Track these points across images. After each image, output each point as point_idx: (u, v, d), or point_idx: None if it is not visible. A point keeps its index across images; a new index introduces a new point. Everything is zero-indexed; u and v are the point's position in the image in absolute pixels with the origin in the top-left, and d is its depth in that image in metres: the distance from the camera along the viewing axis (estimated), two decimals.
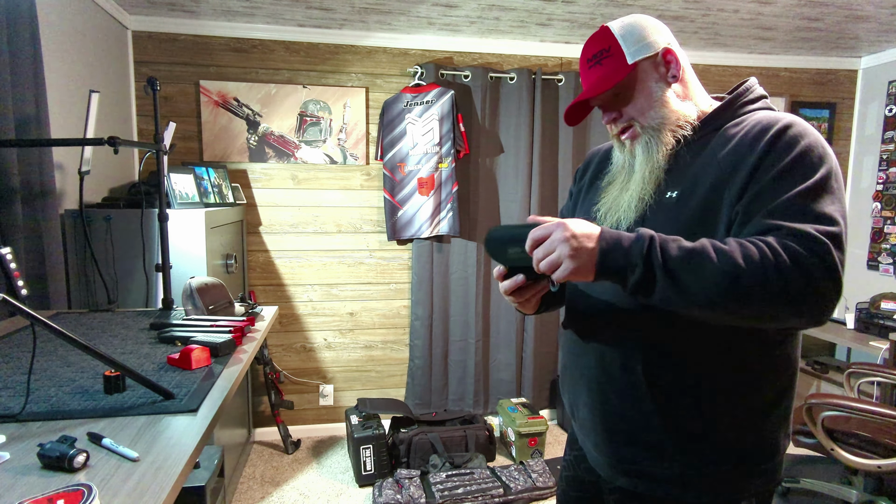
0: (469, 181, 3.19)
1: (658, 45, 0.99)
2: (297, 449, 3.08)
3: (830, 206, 0.82)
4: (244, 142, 2.99)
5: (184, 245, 2.15)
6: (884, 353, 2.93)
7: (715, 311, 0.81)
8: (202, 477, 1.70)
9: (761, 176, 0.85)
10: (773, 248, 0.78)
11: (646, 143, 0.98)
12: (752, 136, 0.89)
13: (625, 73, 0.96)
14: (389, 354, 3.30)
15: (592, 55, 1.00)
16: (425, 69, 3.04)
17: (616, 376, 0.97)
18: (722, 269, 0.78)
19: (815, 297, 0.78)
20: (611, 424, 1.00)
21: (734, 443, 0.93)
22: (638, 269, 0.81)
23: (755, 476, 0.95)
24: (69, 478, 0.77)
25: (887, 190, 3.39)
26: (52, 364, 1.22)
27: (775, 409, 0.95)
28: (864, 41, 3.16)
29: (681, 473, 0.95)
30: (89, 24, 2.42)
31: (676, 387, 0.92)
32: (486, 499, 2.43)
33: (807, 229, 0.79)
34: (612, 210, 1.01)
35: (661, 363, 0.93)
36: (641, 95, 0.98)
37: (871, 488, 2.34)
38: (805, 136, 0.87)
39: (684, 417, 0.93)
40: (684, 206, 0.91)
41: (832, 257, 0.78)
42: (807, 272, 0.77)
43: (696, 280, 0.79)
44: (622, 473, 1.01)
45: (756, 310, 0.79)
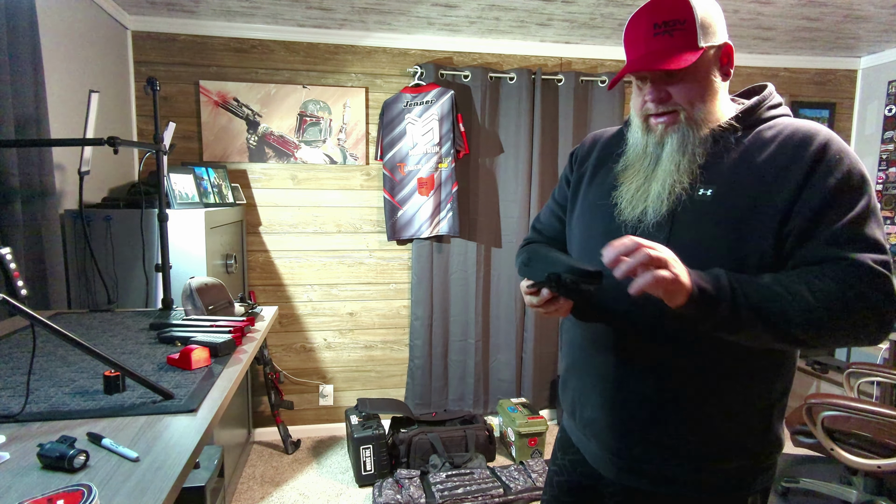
0: (469, 181, 3.19)
1: (724, 35, 0.95)
2: (297, 449, 3.08)
3: (879, 232, 0.86)
4: (244, 142, 2.99)
5: (184, 245, 2.15)
6: (884, 353, 2.93)
7: (793, 342, 0.85)
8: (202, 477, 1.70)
9: (810, 196, 0.86)
10: (841, 283, 0.82)
11: (683, 134, 0.94)
12: (795, 144, 0.90)
13: (697, 55, 0.90)
14: (389, 354, 3.30)
15: (663, 21, 0.91)
16: (425, 69, 3.04)
17: (638, 377, 0.96)
18: (798, 306, 0.82)
19: (880, 326, 0.83)
20: (625, 424, 0.99)
21: (745, 440, 0.95)
22: (727, 305, 0.82)
23: (761, 472, 0.98)
24: (69, 478, 0.77)
25: (887, 190, 3.39)
26: (52, 364, 1.22)
27: (779, 404, 0.98)
28: (863, 41, 3.16)
29: (693, 472, 0.96)
30: (89, 24, 2.42)
31: (697, 388, 0.93)
32: (486, 499, 2.43)
33: (866, 262, 0.83)
34: (639, 199, 0.97)
35: (685, 365, 0.93)
36: (698, 84, 0.93)
37: (871, 488, 2.34)
38: (847, 155, 0.89)
39: (702, 417, 0.94)
40: (720, 206, 0.90)
41: (892, 287, 0.83)
42: (874, 307, 0.82)
43: (778, 316, 0.82)
44: (633, 473, 1.01)
45: (826, 339, 0.84)
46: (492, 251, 3.26)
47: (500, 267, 3.26)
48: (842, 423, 2.24)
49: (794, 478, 2.62)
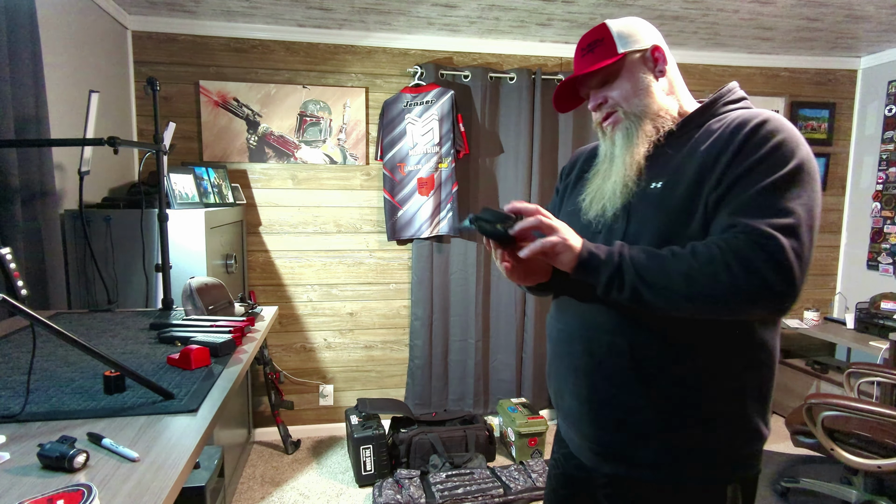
0: (469, 181, 3.19)
1: (648, 41, 1.04)
2: (297, 449, 3.08)
3: (792, 200, 0.86)
4: (244, 142, 2.99)
5: (184, 245, 2.15)
6: (883, 353, 2.93)
7: (678, 308, 0.89)
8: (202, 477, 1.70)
9: (734, 169, 0.90)
10: (724, 247, 0.84)
11: (626, 129, 1.02)
12: (731, 130, 0.94)
13: (613, 58, 1.01)
14: (389, 354, 3.30)
15: (587, 45, 1.05)
16: (425, 69, 3.04)
17: (604, 363, 1.00)
18: (679, 269, 0.86)
19: (763, 289, 0.83)
20: (597, 411, 1.02)
21: (716, 428, 0.96)
22: (612, 265, 0.91)
23: (737, 461, 0.99)
24: (69, 478, 0.77)
25: (887, 190, 3.39)
26: (52, 364, 1.22)
27: (754, 396, 0.98)
28: (863, 41, 3.16)
29: (665, 458, 0.98)
30: (89, 24, 2.42)
31: (662, 373, 0.96)
32: (486, 499, 2.43)
33: (758, 225, 0.84)
34: (598, 198, 1.05)
35: (647, 350, 0.96)
36: (628, 83, 1.02)
37: (871, 488, 2.34)
38: (780, 132, 0.90)
39: (670, 403, 0.96)
40: (669, 196, 0.96)
41: (780, 249, 0.82)
42: (752, 268, 0.82)
43: (660, 277, 0.88)
44: (608, 460, 1.04)
45: (712, 305, 0.86)
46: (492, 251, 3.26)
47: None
48: (842, 423, 2.24)
49: (794, 478, 2.62)
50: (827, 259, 3.74)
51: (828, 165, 3.64)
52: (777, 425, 3.47)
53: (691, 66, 3.42)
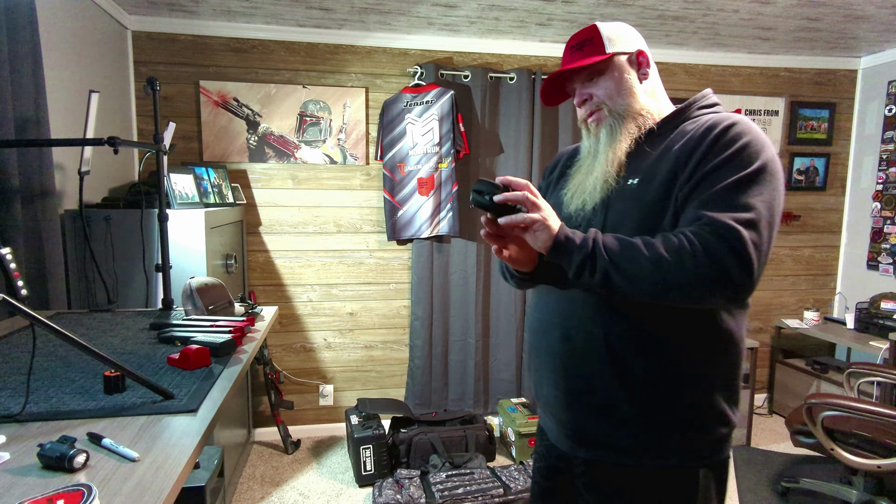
0: (469, 181, 3.19)
1: (634, 46, 1.10)
2: (297, 449, 3.08)
3: (754, 197, 0.91)
4: (244, 142, 2.99)
5: (184, 245, 2.15)
6: (883, 353, 2.93)
7: (645, 292, 0.92)
8: (202, 477, 1.70)
9: (703, 167, 0.95)
10: (689, 237, 0.89)
11: (610, 126, 1.07)
12: (702, 131, 1.00)
13: (601, 57, 1.06)
14: (389, 354, 3.30)
15: (576, 43, 1.10)
16: (425, 69, 3.04)
17: (580, 351, 1.05)
18: (649, 256, 0.90)
19: (724, 277, 0.88)
20: (573, 397, 1.07)
21: (686, 414, 1.01)
22: (586, 250, 0.94)
23: (705, 444, 1.03)
24: (69, 478, 0.77)
25: (887, 190, 3.39)
26: (52, 364, 1.22)
27: (722, 383, 1.03)
28: (863, 41, 3.16)
29: (640, 442, 1.03)
30: (89, 24, 2.42)
31: (636, 361, 1.00)
32: (486, 499, 2.43)
33: (722, 218, 0.89)
34: (579, 192, 1.10)
35: (621, 339, 1.01)
36: (613, 82, 1.07)
37: (871, 488, 2.34)
38: (746, 134, 0.96)
39: (642, 390, 1.01)
40: (644, 192, 1.01)
41: (741, 241, 0.88)
42: (715, 256, 0.87)
43: (630, 264, 0.92)
44: (583, 445, 1.09)
45: (676, 291, 0.90)
46: (492, 251, 3.26)
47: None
48: (842, 423, 2.24)
49: (794, 478, 2.62)
50: (827, 259, 3.74)
51: (828, 165, 3.65)
52: (777, 425, 3.47)
53: (691, 66, 3.42)
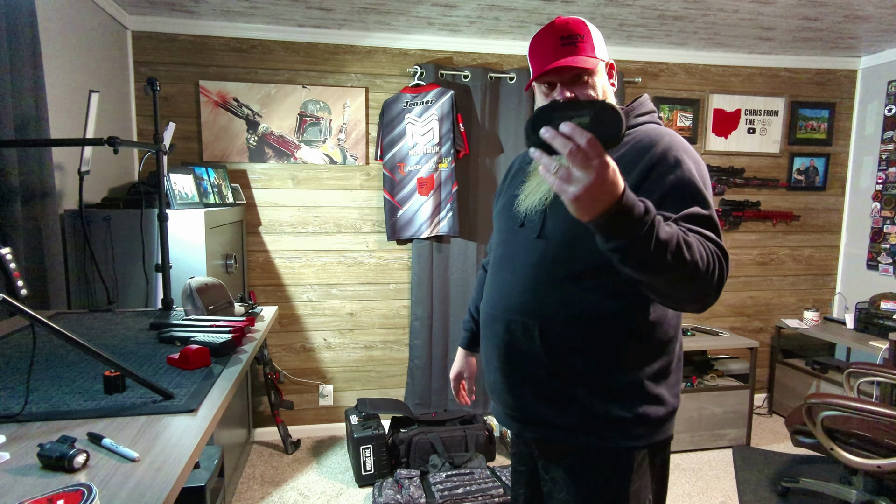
0: (469, 181, 3.19)
1: (607, 56, 1.16)
2: (297, 449, 3.08)
3: (715, 216, 1.01)
4: (244, 142, 2.99)
5: (184, 245, 2.15)
6: (883, 353, 2.93)
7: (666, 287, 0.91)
8: (202, 477, 1.69)
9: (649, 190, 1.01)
10: (712, 251, 0.93)
11: None
12: (637, 149, 1.07)
13: (595, 63, 1.09)
14: (389, 354, 3.30)
15: (568, 35, 1.10)
16: (425, 69, 3.04)
17: (520, 338, 1.12)
18: (692, 258, 0.89)
19: (717, 295, 0.95)
20: (517, 382, 1.15)
21: (620, 395, 1.08)
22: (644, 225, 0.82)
23: (643, 425, 1.09)
24: (69, 478, 0.77)
25: (887, 190, 3.39)
26: (52, 364, 1.22)
27: (653, 363, 1.10)
28: (863, 41, 3.16)
29: (579, 422, 1.10)
30: (89, 24, 2.42)
31: (567, 347, 1.08)
32: (486, 499, 2.43)
33: (716, 239, 0.96)
34: (533, 193, 1.15)
35: (553, 328, 1.09)
36: (598, 90, 1.11)
37: (870, 488, 2.34)
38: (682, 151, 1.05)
39: (576, 373, 1.09)
40: None
41: (728, 262, 0.96)
42: (723, 276, 0.94)
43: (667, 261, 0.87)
44: (528, 425, 1.17)
45: (695, 296, 0.93)
46: None
47: None
48: (842, 423, 2.24)
49: (794, 478, 2.62)
50: (827, 259, 3.74)
51: (827, 165, 3.65)
52: (777, 425, 3.47)
53: (691, 66, 3.42)
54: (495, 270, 1.23)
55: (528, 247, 1.15)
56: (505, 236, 1.24)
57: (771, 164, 3.59)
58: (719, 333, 3.29)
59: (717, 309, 3.65)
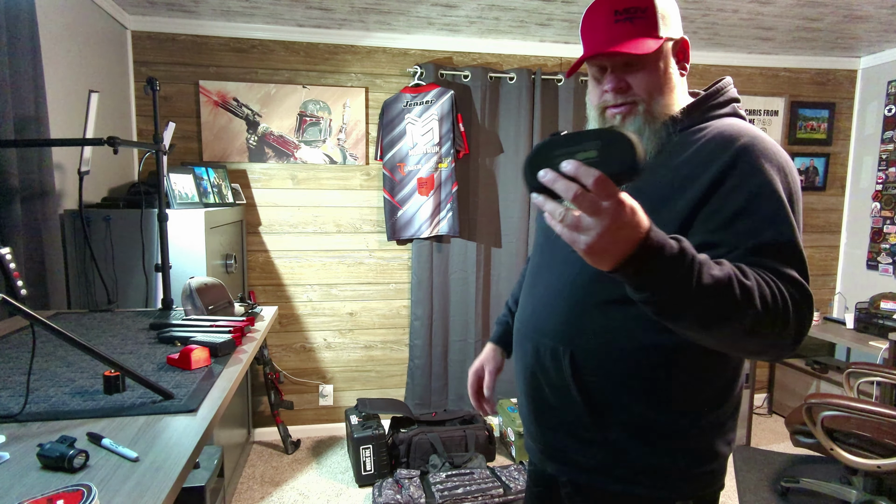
0: (469, 181, 3.19)
1: (681, 30, 0.94)
2: (297, 449, 3.08)
3: (800, 243, 0.83)
4: (244, 142, 2.99)
5: (183, 245, 2.15)
6: (883, 353, 2.93)
7: (720, 340, 0.77)
8: (202, 477, 1.70)
9: (720, 204, 0.83)
10: (783, 295, 0.77)
11: (638, 127, 0.91)
12: (709, 150, 0.87)
13: (658, 44, 0.88)
14: (389, 354, 3.30)
15: (625, 8, 0.89)
16: (425, 69, 3.04)
17: (548, 366, 0.98)
18: (744, 309, 0.73)
19: (798, 343, 0.79)
20: (541, 412, 1.02)
21: (663, 443, 0.92)
22: (668, 289, 0.70)
23: (685, 478, 0.94)
24: (69, 478, 0.77)
25: (887, 190, 3.39)
26: (51, 364, 1.22)
27: (708, 413, 0.92)
28: (863, 41, 3.16)
29: (605, 463, 0.95)
30: (89, 24, 2.42)
31: (603, 381, 0.93)
32: (486, 499, 2.43)
33: (795, 276, 0.79)
34: None
35: (586, 357, 0.94)
36: (658, 75, 0.91)
37: (870, 488, 2.34)
38: (766, 160, 0.85)
39: (611, 412, 0.93)
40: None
41: (811, 303, 0.80)
42: (803, 322, 0.78)
43: (715, 312, 0.73)
44: (550, 459, 1.04)
45: (758, 345, 0.77)
46: (492, 251, 3.26)
47: (499, 267, 3.26)
48: (842, 423, 2.24)
49: (794, 478, 2.62)
50: (827, 259, 3.74)
51: (827, 165, 3.65)
52: (777, 425, 3.47)
53: (691, 66, 3.42)
54: (531, 281, 1.08)
55: (566, 259, 0.97)
56: (543, 242, 1.08)
57: None
58: None
59: None
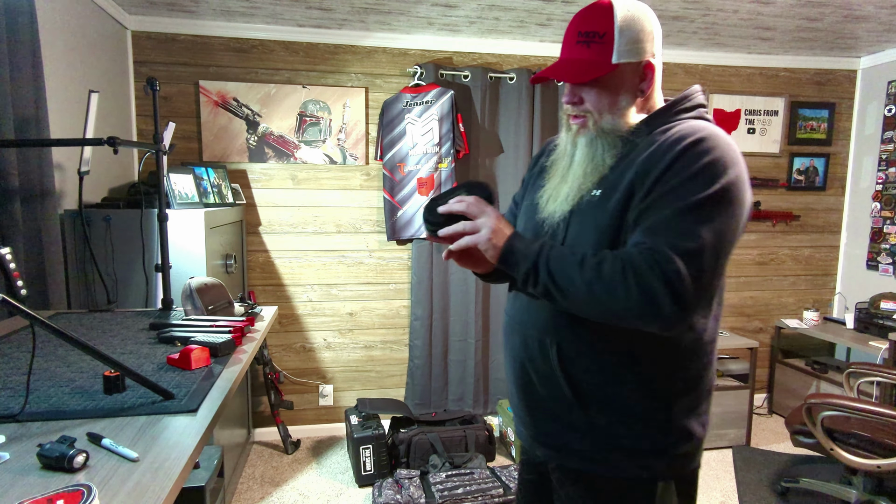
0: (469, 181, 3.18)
1: (645, 53, 0.99)
2: (297, 449, 3.08)
3: (703, 224, 0.86)
4: (244, 142, 2.99)
5: (183, 245, 2.15)
6: (883, 353, 2.93)
7: (580, 310, 0.93)
8: (202, 477, 1.70)
9: (659, 188, 0.91)
10: (627, 263, 0.87)
11: (590, 140, 1.01)
12: (668, 144, 0.93)
13: (605, 71, 0.97)
14: (389, 354, 3.30)
15: (586, 31, 0.98)
16: (425, 69, 3.04)
17: (536, 356, 1.05)
18: (584, 278, 0.89)
19: (655, 310, 0.85)
20: (531, 400, 1.08)
21: (638, 427, 0.99)
22: (530, 263, 0.94)
23: (665, 458, 1.01)
24: (69, 478, 0.77)
25: (887, 190, 3.39)
26: (51, 364, 1.22)
27: (683, 397, 1.00)
28: (863, 41, 3.16)
29: (591, 449, 1.02)
30: (89, 24, 2.42)
31: (587, 370, 1.00)
32: (486, 499, 2.43)
33: (662, 247, 0.86)
34: (552, 199, 1.06)
35: (571, 347, 1.00)
36: (608, 96, 0.99)
37: (870, 488, 2.34)
38: (711, 152, 0.90)
39: (596, 399, 1.00)
40: (604, 204, 0.97)
41: (678, 273, 0.84)
42: (647, 288, 0.84)
43: (567, 282, 0.91)
44: (542, 446, 1.09)
45: (606, 315, 0.90)
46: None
47: None
48: (842, 423, 2.24)
49: (794, 478, 2.62)
50: (827, 259, 3.74)
51: (827, 165, 3.65)
52: (777, 425, 3.47)
53: (691, 66, 3.42)
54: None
55: None
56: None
57: (771, 164, 3.59)
58: (719, 333, 3.29)
59: None
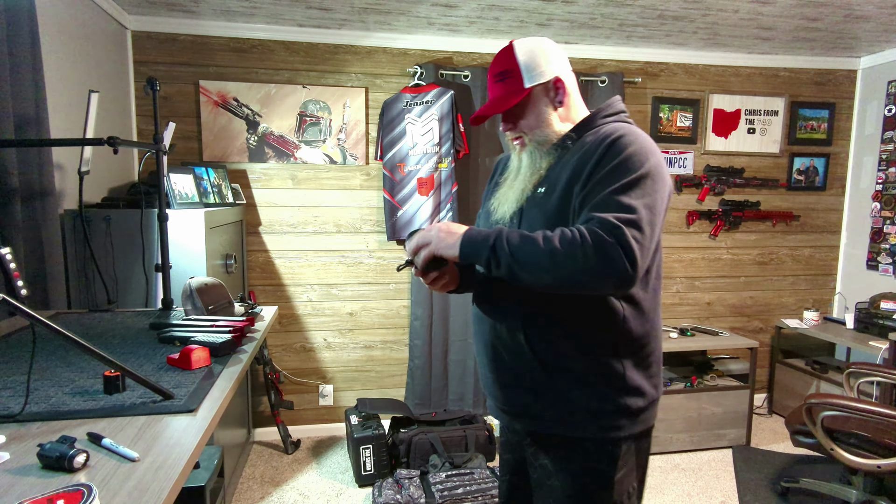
0: (469, 181, 3.19)
1: (551, 73, 1.19)
2: (297, 449, 3.08)
3: (636, 200, 1.04)
4: (244, 142, 2.99)
5: (183, 245, 2.15)
6: (883, 353, 2.93)
7: (543, 280, 1.04)
8: (202, 477, 1.70)
9: (594, 177, 1.09)
10: (583, 232, 1.00)
11: (530, 152, 1.22)
12: (596, 143, 1.12)
13: (520, 96, 1.17)
14: (389, 354, 3.30)
15: (499, 72, 1.21)
16: (425, 69, 3.04)
17: (505, 337, 1.20)
18: (545, 249, 1.01)
19: (610, 269, 0.98)
20: (503, 377, 1.23)
21: (599, 386, 1.14)
22: (488, 247, 1.06)
23: (625, 416, 1.16)
24: (69, 478, 0.77)
25: (887, 190, 3.39)
26: (51, 364, 1.22)
27: (632, 361, 1.16)
28: (863, 41, 3.16)
29: (562, 413, 1.16)
30: (89, 24, 2.42)
31: (548, 344, 1.15)
32: (486, 499, 2.43)
33: (607, 217, 1.01)
34: (502, 202, 1.24)
35: (535, 326, 1.16)
36: (532, 115, 1.20)
37: (870, 488, 2.34)
38: (631, 145, 1.09)
39: (559, 368, 1.15)
40: (548, 199, 1.15)
41: (624, 236, 0.99)
42: (602, 250, 0.98)
43: (528, 256, 1.03)
44: (516, 417, 1.24)
45: (570, 281, 1.02)
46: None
47: None
48: (842, 423, 2.24)
49: (794, 478, 2.62)
50: (827, 259, 3.74)
51: (827, 165, 3.65)
52: (777, 425, 3.47)
53: (691, 66, 3.42)
54: (482, 275, 1.29)
55: None
56: None
57: (771, 164, 3.59)
58: (719, 333, 3.29)
59: (717, 309, 3.65)
